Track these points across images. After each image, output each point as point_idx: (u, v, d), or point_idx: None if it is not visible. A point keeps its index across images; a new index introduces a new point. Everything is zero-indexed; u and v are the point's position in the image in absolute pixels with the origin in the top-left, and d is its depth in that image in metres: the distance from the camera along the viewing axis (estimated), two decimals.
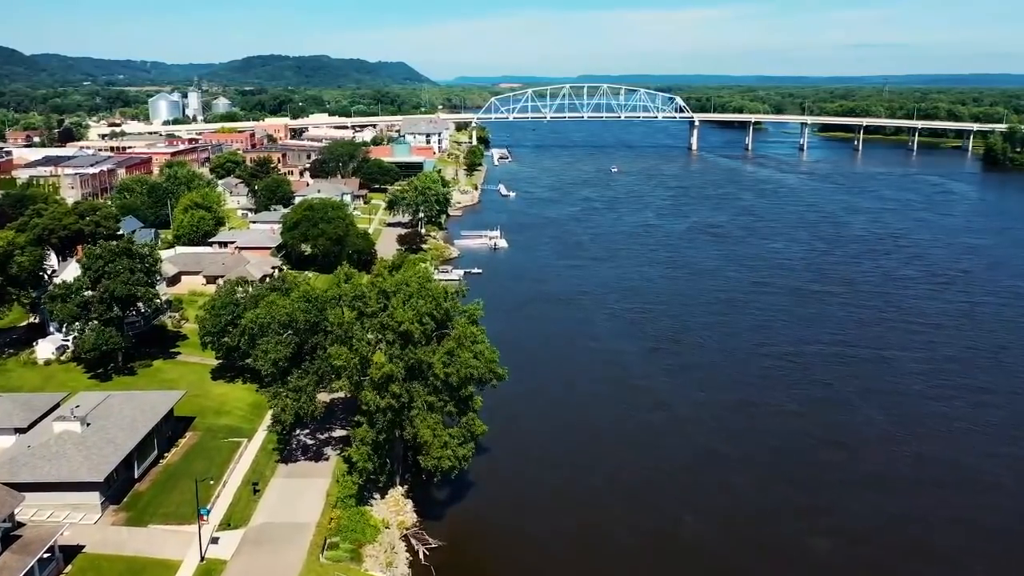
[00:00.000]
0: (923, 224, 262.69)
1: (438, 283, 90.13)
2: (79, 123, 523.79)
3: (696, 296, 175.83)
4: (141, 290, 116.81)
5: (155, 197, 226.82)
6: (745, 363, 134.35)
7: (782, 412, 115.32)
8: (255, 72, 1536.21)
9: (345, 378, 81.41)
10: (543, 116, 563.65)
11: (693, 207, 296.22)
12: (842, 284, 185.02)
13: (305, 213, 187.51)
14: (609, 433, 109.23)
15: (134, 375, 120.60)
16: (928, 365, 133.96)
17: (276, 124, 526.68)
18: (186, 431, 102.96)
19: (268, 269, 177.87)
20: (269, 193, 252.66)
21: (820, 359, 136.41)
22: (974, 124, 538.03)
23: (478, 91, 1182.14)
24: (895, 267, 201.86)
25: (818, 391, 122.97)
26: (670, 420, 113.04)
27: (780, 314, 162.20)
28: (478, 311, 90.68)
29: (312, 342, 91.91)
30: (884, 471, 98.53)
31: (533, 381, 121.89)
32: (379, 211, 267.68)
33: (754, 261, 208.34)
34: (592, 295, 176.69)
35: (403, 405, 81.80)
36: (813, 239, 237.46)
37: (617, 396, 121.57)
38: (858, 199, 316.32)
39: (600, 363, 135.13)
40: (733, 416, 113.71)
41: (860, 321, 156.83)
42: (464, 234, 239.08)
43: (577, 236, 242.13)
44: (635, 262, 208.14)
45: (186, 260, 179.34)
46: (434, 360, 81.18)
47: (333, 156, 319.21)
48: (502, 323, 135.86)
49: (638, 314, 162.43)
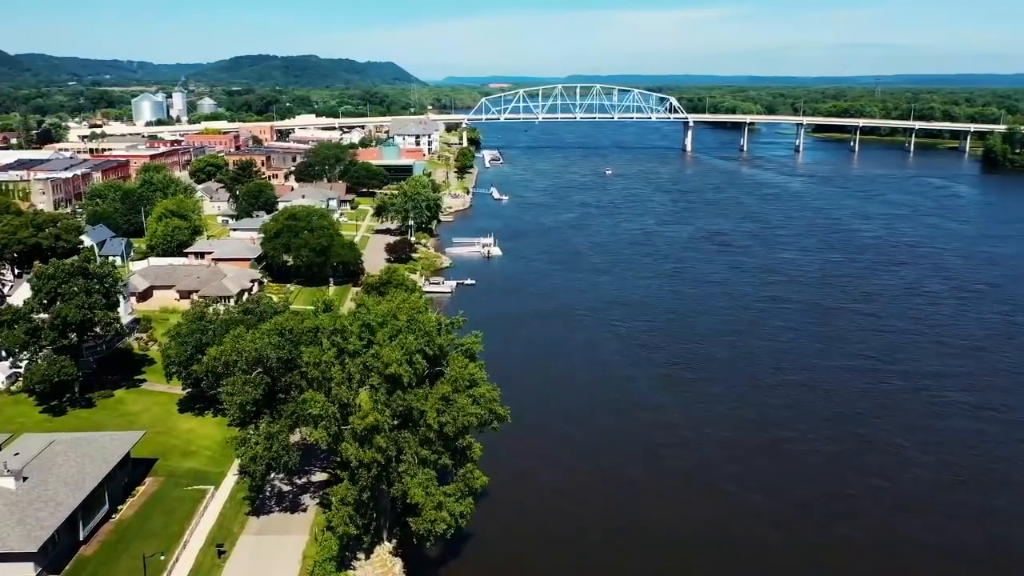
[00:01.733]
0: (937, 231, 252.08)
1: (430, 315, 78.27)
2: (58, 124, 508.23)
3: (706, 312, 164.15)
4: (99, 314, 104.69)
5: (129, 204, 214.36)
6: (768, 392, 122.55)
7: (815, 454, 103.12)
8: (243, 72, 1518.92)
9: (322, 428, 69.42)
10: (535, 117, 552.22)
11: (694, 212, 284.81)
12: (863, 299, 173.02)
13: (287, 222, 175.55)
14: (623, 478, 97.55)
15: (92, 407, 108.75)
16: (973, 395, 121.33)
17: (262, 125, 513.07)
18: (145, 477, 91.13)
19: (247, 283, 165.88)
20: (251, 199, 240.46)
21: (850, 387, 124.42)
22: (971, 125, 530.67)
23: (467, 91, 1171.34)
24: (917, 279, 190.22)
25: (852, 427, 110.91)
26: (692, 464, 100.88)
27: (799, 333, 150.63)
28: (476, 345, 78.94)
29: (286, 380, 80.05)
30: (943, 535, 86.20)
31: (534, 414, 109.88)
32: (367, 217, 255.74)
33: (766, 273, 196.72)
34: (594, 311, 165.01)
35: (391, 459, 70.12)
36: (825, 248, 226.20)
37: (629, 433, 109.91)
38: (865, 204, 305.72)
39: (608, 393, 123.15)
40: (762, 460, 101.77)
41: (889, 344, 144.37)
42: (456, 241, 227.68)
43: (575, 244, 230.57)
44: (638, 273, 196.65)
45: (158, 273, 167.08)
46: (427, 407, 69.48)
47: (319, 159, 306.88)
48: (498, 343, 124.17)
49: (645, 333, 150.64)
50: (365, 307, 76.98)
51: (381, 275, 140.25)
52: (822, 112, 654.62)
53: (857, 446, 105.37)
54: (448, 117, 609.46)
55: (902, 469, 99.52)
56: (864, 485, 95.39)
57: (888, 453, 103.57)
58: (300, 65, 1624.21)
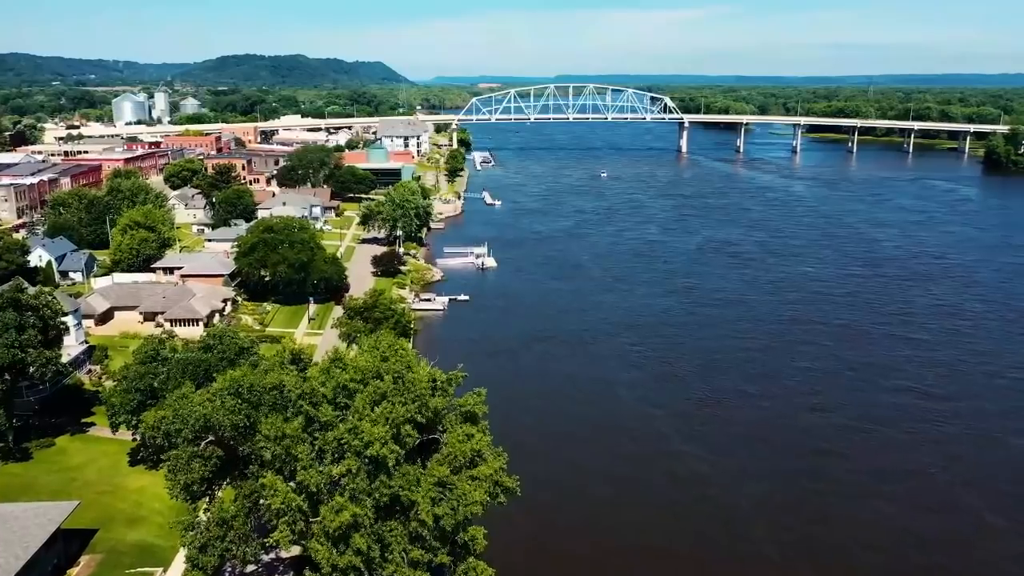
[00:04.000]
0: (958, 239, 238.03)
1: (421, 369, 63.20)
2: (33, 125, 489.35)
3: (726, 336, 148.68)
4: (32, 354, 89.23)
5: (94, 213, 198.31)
6: (806, 435, 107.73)
7: (886, 530, 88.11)
8: (230, 72, 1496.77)
9: (284, 526, 54.40)
10: (527, 118, 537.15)
11: (699, 220, 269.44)
12: (897, 321, 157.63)
13: (263, 235, 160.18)
14: (649, 551, 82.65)
15: (28, 460, 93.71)
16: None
17: (245, 126, 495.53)
18: (82, 554, 76.08)
19: (218, 303, 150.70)
20: (229, 206, 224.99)
21: (902, 431, 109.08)
22: (971, 125, 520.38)
23: (457, 91, 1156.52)
24: (952, 297, 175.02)
25: (913, 483, 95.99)
26: (728, 531, 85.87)
27: (833, 361, 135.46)
28: (479, 405, 63.89)
29: (246, 449, 65.03)
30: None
31: (541, 467, 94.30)
32: (352, 225, 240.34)
33: (786, 289, 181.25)
34: (602, 335, 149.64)
35: (372, 560, 55.22)
36: (845, 259, 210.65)
37: (654, 489, 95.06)
38: (875, 209, 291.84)
39: (625, 437, 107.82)
40: (811, 526, 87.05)
41: (938, 375, 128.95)
42: (448, 251, 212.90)
43: (574, 255, 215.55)
44: (646, 289, 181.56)
45: (120, 293, 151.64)
46: (419, 497, 54.61)
47: (302, 163, 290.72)
48: (497, 377, 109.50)
49: (660, 362, 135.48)
50: (340, 361, 61.74)
51: (366, 298, 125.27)
52: (816, 112, 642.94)
53: (923, 511, 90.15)
54: (438, 118, 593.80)
55: (987, 541, 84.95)
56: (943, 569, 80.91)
57: (965, 519, 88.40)
58: (288, 65, 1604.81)
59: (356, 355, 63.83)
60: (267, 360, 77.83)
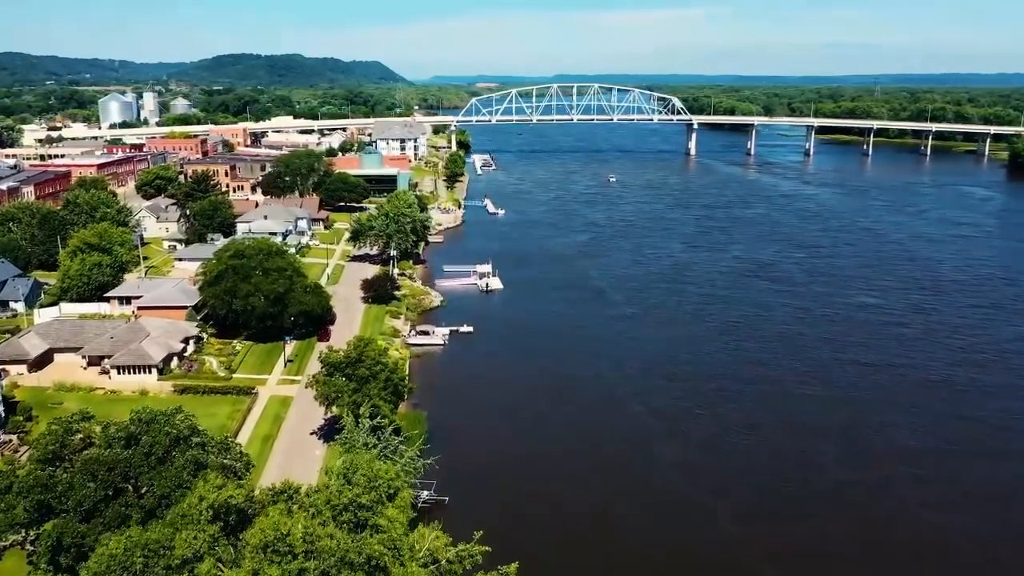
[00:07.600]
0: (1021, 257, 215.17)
1: (421, 532, 39.17)
2: (11, 127, 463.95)
3: (787, 396, 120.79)
4: None
5: (48, 230, 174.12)
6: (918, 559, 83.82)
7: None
8: (226, 71, 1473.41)
9: None
10: (529, 119, 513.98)
11: (725, 234, 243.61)
12: (997, 369, 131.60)
13: (231, 262, 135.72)
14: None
15: None
16: None
17: (234, 128, 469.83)
18: None
19: (177, 344, 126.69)
20: (205, 219, 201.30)
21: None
22: (991, 127, 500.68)
23: (455, 91, 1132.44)
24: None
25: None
26: None
27: (931, 421, 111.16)
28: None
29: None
30: None
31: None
32: (342, 240, 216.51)
33: (844, 325, 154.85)
34: (638, 390, 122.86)
35: None
36: (903, 287, 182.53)
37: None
38: (917, 221, 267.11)
39: (685, 552, 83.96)
40: None
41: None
42: (448, 270, 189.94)
43: (592, 278, 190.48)
44: (682, 324, 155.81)
45: (61, 331, 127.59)
46: None
47: (289, 169, 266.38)
48: (512, 454, 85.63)
49: (710, 431, 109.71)
50: (285, 540, 37.63)
51: (349, 350, 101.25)
52: (824, 113, 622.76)
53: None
54: (436, 119, 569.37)
55: None
56: None
57: None
58: (284, 64, 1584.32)
59: (310, 523, 39.54)
60: (203, 478, 53.95)
